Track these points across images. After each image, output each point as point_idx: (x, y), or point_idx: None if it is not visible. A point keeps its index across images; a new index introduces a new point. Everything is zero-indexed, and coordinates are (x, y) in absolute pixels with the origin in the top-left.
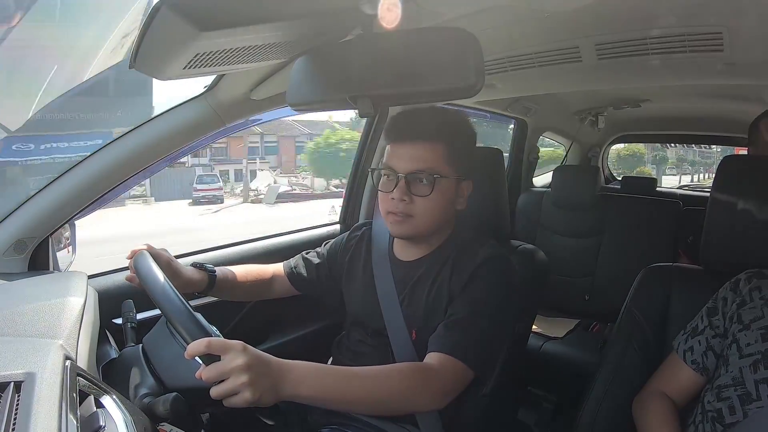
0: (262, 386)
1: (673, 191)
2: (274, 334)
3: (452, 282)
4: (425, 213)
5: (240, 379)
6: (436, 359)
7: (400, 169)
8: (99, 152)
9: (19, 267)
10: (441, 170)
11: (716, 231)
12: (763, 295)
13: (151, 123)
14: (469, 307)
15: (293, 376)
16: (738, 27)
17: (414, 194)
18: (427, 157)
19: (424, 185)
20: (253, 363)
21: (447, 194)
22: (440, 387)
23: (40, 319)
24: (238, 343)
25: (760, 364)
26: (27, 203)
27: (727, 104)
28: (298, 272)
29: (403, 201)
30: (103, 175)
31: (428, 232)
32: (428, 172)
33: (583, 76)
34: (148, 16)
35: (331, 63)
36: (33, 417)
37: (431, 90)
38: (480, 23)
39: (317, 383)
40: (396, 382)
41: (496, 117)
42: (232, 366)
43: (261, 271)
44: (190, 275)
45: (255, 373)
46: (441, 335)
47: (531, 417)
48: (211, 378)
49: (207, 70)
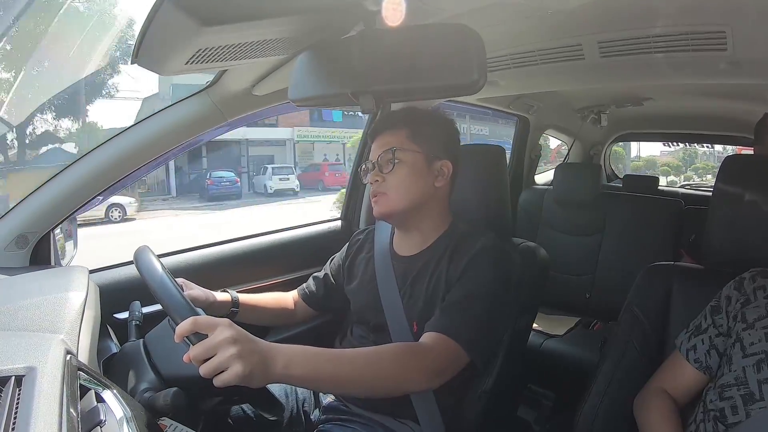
0: (252, 361)
1: (675, 190)
2: (276, 331)
3: (449, 272)
4: (396, 187)
5: (228, 351)
6: (429, 338)
7: (373, 158)
8: (100, 147)
9: (21, 261)
10: (402, 146)
11: (718, 230)
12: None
13: (153, 118)
14: (464, 291)
15: (283, 356)
16: (742, 26)
17: (383, 173)
18: (391, 141)
19: (388, 162)
20: (240, 337)
21: (414, 169)
22: (432, 365)
23: (41, 313)
24: (224, 320)
25: (763, 363)
26: (29, 198)
27: (730, 103)
28: (310, 292)
29: (376, 182)
30: (105, 170)
31: (406, 208)
32: (390, 150)
33: (585, 73)
34: (151, 11)
35: (333, 59)
36: (34, 411)
37: (433, 86)
38: (483, 20)
39: (308, 363)
40: (387, 361)
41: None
42: (219, 339)
43: (284, 299)
44: (215, 299)
45: (243, 346)
46: (436, 317)
47: (531, 414)
48: (199, 355)
49: (209, 65)
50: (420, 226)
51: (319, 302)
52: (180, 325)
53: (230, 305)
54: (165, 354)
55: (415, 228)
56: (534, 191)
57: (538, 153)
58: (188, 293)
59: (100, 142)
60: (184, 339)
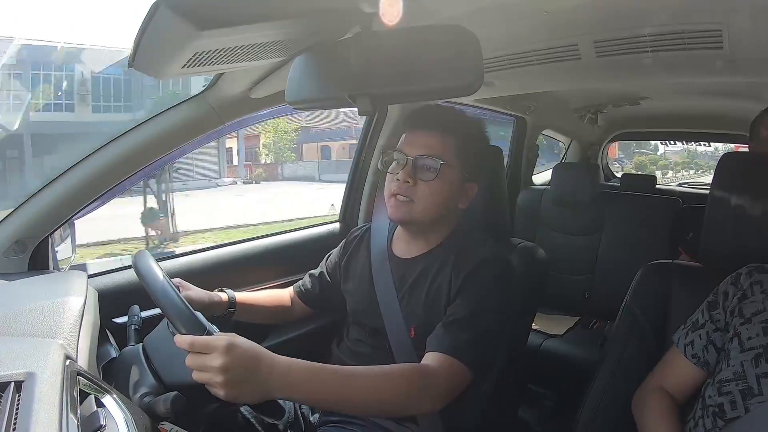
0: (239, 389)
1: (673, 189)
2: (274, 332)
3: (452, 281)
4: (425, 198)
5: (215, 378)
6: (435, 359)
7: (410, 153)
8: (98, 151)
9: (19, 267)
10: (449, 160)
11: (716, 228)
12: (764, 289)
13: (150, 122)
14: (468, 307)
15: (286, 379)
16: (737, 24)
17: (419, 178)
18: (438, 145)
19: (429, 171)
20: (232, 365)
21: (450, 187)
22: (439, 389)
23: (40, 318)
24: (221, 343)
25: (761, 358)
26: (27, 203)
27: (727, 102)
28: (306, 289)
29: (407, 183)
30: (103, 174)
31: (426, 221)
32: (435, 157)
33: (582, 73)
34: (147, 15)
35: (329, 61)
36: (34, 417)
37: (430, 88)
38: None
39: (312, 386)
40: (394, 384)
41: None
42: (210, 365)
43: (280, 296)
44: (211, 298)
45: (232, 376)
46: (439, 335)
47: (531, 415)
48: (191, 366)
49: (206, 68)
50: (427, 234)
51: (315, 300)
52: (178, 338)
53: (227, 305)
54: (165, 358)
55: (422, 234)
56: (532, 191)
57: (535, 153)
58: (185, 294)
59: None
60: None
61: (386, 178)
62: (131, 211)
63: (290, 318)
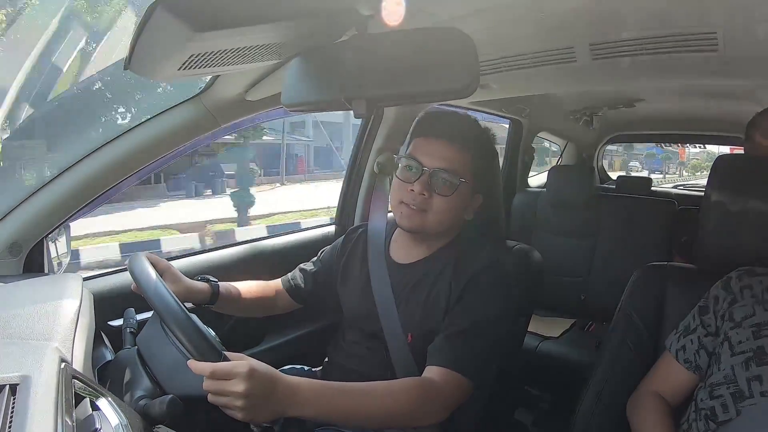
0: (256, 412)
1: (669, 191)
2: (270, 336)
3: (451, 288)
4: (439, 212)
5: (235, 402)
6: (438, 373)
7: (427, 164)
8: (94, 154)
9: (14, 269)
10: (466, 176)
11: (710, 230)
12: (754, 293)
13: (146, 124)
14: (469, 318)
15: (299, 399)
16: (732, 27)
17: (435, 191)
18: (457, 160)
19: (446, 185)
20: (253, 391)
21: (462, 201)
22: (442, 402)
23: (35, 321)
24: (243, 370)
25: (752, 361)
26: (22, 205)
27: (722, 104)
28: (296, 284)
29: (422, 195)
30: (98, 177)
31: (434, 232)
32: (455, 174)
33: (577, 76)
34: (143, 17)
35: (325, 64)
36: (29, 420)
37: (426, 90)
38: (475, 24)
39: (322, 405)
40: (400, 400)
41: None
42: (231, 390)
43: (265, 287)
44: (192, 284)
45: (253, 400)
46: (442, 348)
47: (528, 417)
48: (210, 390)
49: (202, 71)
50: (430, 241)
51: (305, 297)
52: (197, 367)
53: (207, 297)
54: (160, 361)
55: (425, 241)
56: (528, 194)
57: (531, 155)
58: (167, 281)
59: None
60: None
61: (394, 184)
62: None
63: (273, 311)
